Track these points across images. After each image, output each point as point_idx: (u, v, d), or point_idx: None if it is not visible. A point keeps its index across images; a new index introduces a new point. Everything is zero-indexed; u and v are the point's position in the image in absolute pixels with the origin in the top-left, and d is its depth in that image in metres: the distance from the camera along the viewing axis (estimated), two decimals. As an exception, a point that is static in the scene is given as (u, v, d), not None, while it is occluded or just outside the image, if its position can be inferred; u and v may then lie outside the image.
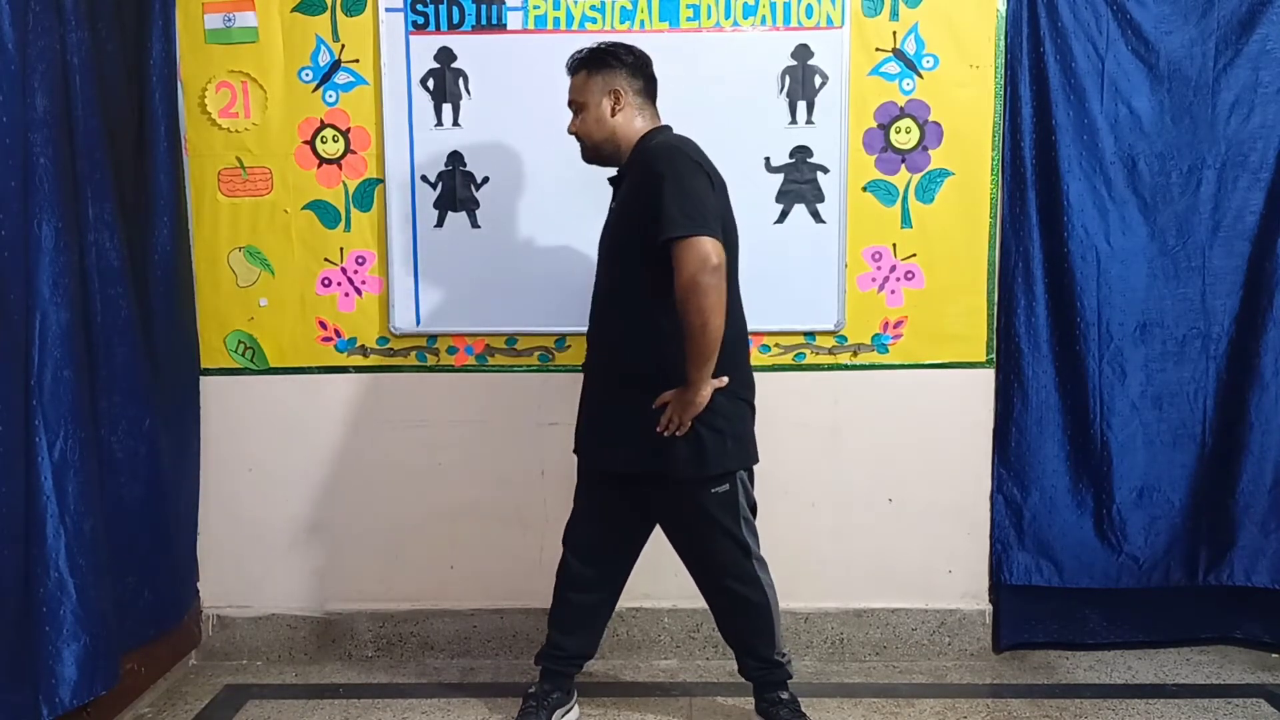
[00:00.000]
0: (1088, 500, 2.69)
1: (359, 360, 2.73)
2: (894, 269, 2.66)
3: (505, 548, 2.75)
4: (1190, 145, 2.59)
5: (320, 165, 2.66)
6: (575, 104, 2.20)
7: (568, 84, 2.21)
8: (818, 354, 2.69)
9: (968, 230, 2.65)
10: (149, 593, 2.44)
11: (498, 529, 2.75)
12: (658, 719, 2.43)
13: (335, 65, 2.63)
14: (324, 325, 2.72)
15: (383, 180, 2.65)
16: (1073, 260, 2.61)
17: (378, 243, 2.68)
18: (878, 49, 2.59)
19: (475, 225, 2.66)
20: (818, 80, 2.59)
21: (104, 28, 2.27)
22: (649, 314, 2.06)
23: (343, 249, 2.69)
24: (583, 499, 2.30)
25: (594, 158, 2.23)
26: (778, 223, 2.63)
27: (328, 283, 2.70)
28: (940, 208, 2.64)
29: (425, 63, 2.61)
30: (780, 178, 2.61)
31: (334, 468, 2.76)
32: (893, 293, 2.67)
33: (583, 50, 2.18)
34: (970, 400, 2.70)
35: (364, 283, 2.70)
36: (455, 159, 2.64)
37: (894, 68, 2.60)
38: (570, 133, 2.22)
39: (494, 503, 2.75)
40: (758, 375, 2.21)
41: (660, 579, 2.62)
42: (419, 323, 2.70)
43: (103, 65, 2.25)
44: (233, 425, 2.74)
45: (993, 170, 2.63)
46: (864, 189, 2.63)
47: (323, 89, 2.64)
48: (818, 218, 2.62)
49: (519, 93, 2.60)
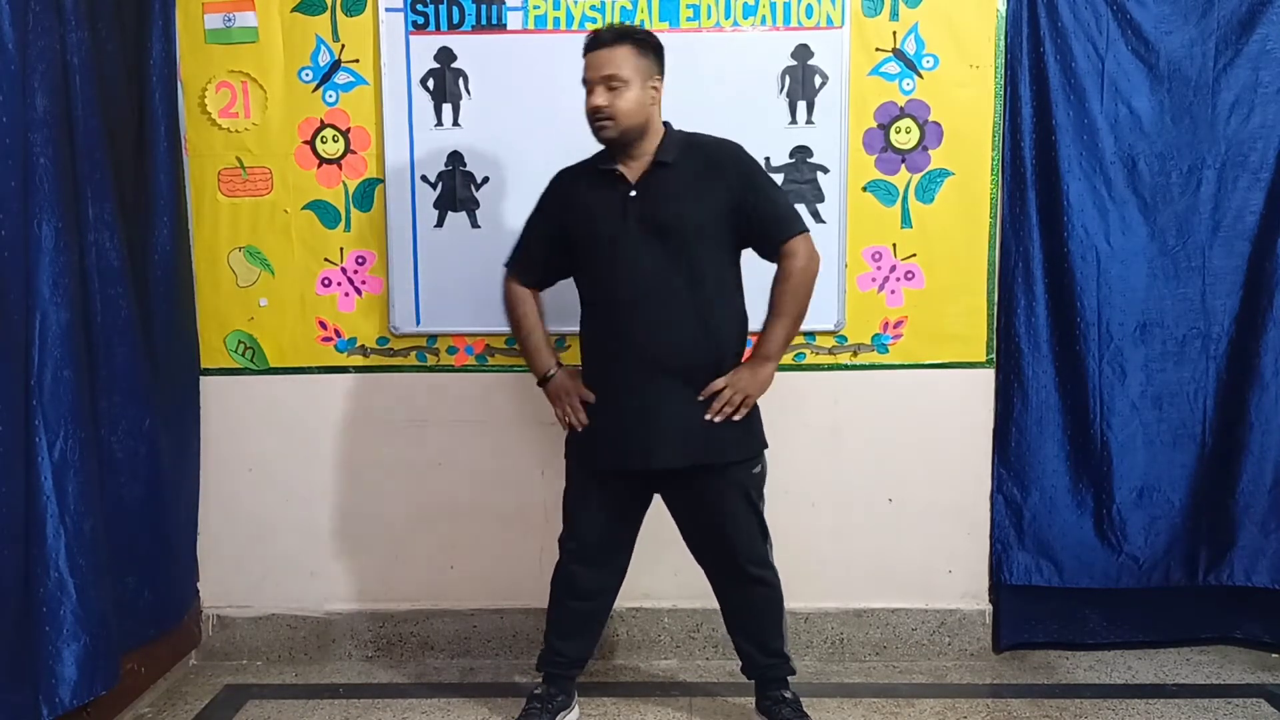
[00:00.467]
0: (1088, 500, 2.69)
1: (359, 360, 2.73)
2: (894, 269, 2.66)
3: (505, 548, 2.75)
4: (1190, 145, 2.59)
5: (320, 165, 2.66)
6: (613, 78, 2.01)
7: (592, 57, 2.04)
8: (818, 354, 2.69)
9: (968, 230, 2.65)
10: (149, 593, 2.44)
11: (498, 529, 2.75)
12: (658, 719, 2.43)
13: (335, 65, 2.63)
14: (324, 325, 2.72)
15: (383, 180, 2.65)
16: (1073, 260, 2.61)
17: (378, 243, 2.68)
18: (878, 49, 2.59)
19: (475, 225, 2.66)
20: (818, 80, 2.59)
21: (104, 28, 2.27)
22: (726, 305, 2.15)
23: (343, 249, 2.69)
24: (591, 503, 2.23)
25: (613, 139, 2.06)
26: (778, 222, 2.64)
27: (328, 283, 2.70)
28: (940, 208, 2.64)
29: (425, 63, 2.61)
30: (780, 178, 2.60)
31: (334, 468, 2.76)
32: (893, 293, 2.67)
33: (626, 24, 2.12)
34: (970, 400, 2.70)
35: (364, 283, 2.70)
36: (455, 159, 2.64)
37: (894, 68, 2.60)
38: (596, 106, 2.03)
39: (494, 503, 2.74)
40: (759, 375, 2.22)
41: (660, 579, 2.62)
42: (419, 323, 2.70)
43: (103, 65, 2.25)
44: (233, 425, 2.74)
45: (993, 170, 2.63)
46: (864, 189, 2.64)
47: (323, 89, 2.64)
48: (818, 217, 2.62)
49: (519, 93, 2.60)
